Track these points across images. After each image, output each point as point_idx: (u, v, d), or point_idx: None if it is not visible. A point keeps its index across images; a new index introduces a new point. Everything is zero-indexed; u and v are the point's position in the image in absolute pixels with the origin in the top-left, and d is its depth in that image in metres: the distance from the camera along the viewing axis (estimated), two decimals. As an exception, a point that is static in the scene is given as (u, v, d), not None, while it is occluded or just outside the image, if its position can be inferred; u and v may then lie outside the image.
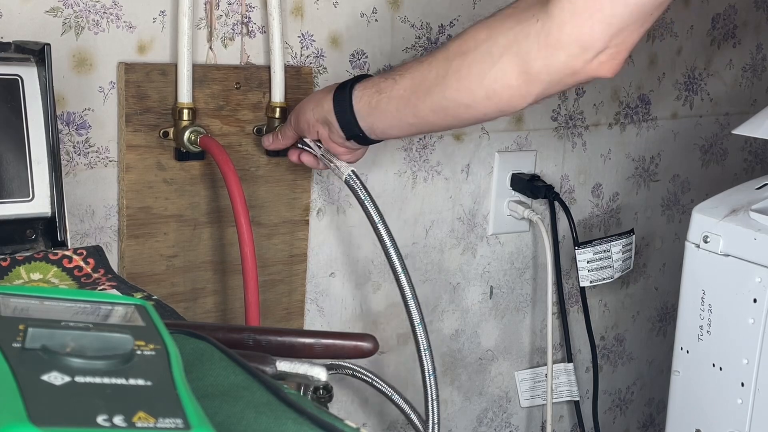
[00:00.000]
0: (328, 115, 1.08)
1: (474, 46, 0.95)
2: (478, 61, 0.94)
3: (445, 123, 1.03)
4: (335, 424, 0.55)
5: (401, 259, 1.13)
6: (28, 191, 0.91)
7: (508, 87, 0.93)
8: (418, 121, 1.03)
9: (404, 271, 1.13)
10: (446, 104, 0.99)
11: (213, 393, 0.58)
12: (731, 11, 1.71)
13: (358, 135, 1.07)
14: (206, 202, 1.22)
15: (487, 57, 0.93)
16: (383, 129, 1.06)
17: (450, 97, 0.98)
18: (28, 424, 0.43)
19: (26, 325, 0.51)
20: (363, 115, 1.06)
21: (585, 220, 1.63)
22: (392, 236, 1.13)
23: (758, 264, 1.13)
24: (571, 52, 0.88)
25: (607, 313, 1.72)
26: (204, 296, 1.24)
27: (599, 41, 0.87)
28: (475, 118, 1.01)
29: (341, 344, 0.75)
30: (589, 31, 0.86)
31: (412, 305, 1.13)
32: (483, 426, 1.61)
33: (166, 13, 1.15)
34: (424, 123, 1.03)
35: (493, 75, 0.93)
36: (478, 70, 0.94)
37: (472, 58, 0.95)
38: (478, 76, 0.94)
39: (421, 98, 1.00)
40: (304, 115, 1.12)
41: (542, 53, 0.89)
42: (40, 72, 0.92)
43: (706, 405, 1.21)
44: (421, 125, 1.04)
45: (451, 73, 0.97)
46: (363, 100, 1.05)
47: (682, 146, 1.73)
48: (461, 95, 0.97)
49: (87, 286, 0.84)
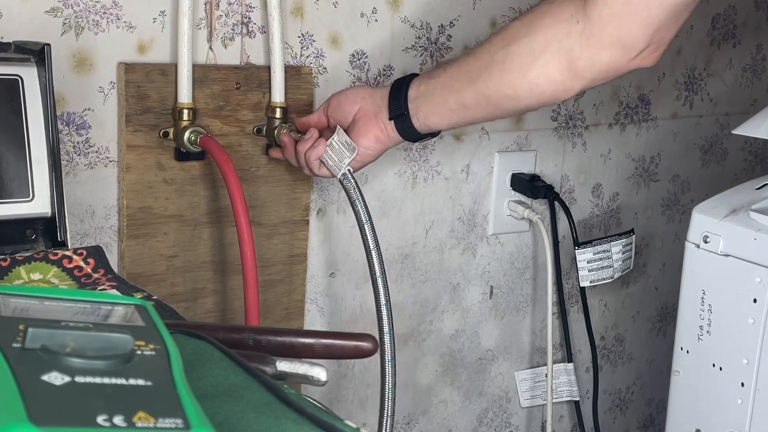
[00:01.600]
0: (381, 94, 1.11)
1: (515, 40, 0.98)
2: (520, 55, 0.98)
3: (487, 112, 1.06)
4: (335, 424, 0.55)
5: (382, 264, 1.14)
6: (28, 191, 0.91)
7: (551, 82, 0.97)
8: (459, 107, 1.05)
9: (382, 276, 1.14)
10: (489, 93, 1.02)
11: (213, 393, 0.58)
12: (731, 11, 1.71)
13: (403, 113, 1.09)
14: (206, 202, 1.22)
15: (528, 51, 0.97)
16: (425, 114, 1.08)
17: (493, 87, 1.01)
18: (28, 424, 0.43)
19: (26, 325, 0.51)
20: (412, 97, 1.08)
21: (585, 220, 1.63)
22: (377, 240, 1.14)
23: (758, 264, 1.13)
24: (614, 52, 0.92)
25: (607, 313, 1.72)
26: (204, 296, 1.24)
27: (640, 42, 0.91)
28: (517, 109, 1.06)
29: (341, 344, 0.75)
30: (628, 32, 0.91)
31: (383, 312, 1.14)
32: (483, 426, 1.61)
33: (166, 13, 1.15)
34: (464, 110, 1.05)
35: (536, 70, 0.97)
36: (520, 64, 0.98)
37: (514, 51, 0.98)
38: (521, 69, 0.98)
39: (465, 85, 1.03)
40: (346, 92, 1.14)
41: (585, 52, 0.93)
42: (40, 72, 0.92)
43: (706, 405, 1.21)
44: (462, 113, 1.06)
45: (495, 65, 1.00)
46: (415, 86, 1.09)
47: (682, 146, 1.73)
48: (504, 87, 1.00)
49: (87, 286, 0.84)
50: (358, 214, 1.14)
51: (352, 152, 1.11)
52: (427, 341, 1.50)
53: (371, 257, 1.14)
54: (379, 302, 1.14)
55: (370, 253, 1.14)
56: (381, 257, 1.14)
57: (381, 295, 1.14)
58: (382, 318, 1.14)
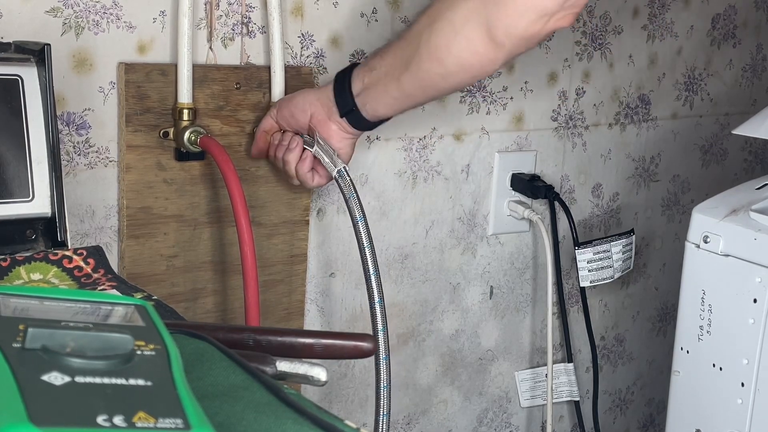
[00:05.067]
0: (326, 95, 1.12)
1: (438, 17, 1.00)
2: (443, 30, 0.99)
3: (426, 94, 1.08)
4: (335, 424, 0.55)
5: (375, 261, 1.15)
6: (28, 191, 0.91)
7: (475, 54, 0.98)
8: (401, 95, 1.07)
9: (375, 273, 1.14)
10: (422, 75, 1.03)
11: (213, 393, 0.58)
12: (731, 11, 1.71)
13: (352, 110, 1.10)
14: (206, 202, 1.22)
15: (449, 26, 0.99)
16: (373, 106, 1.10)
17: (425, 68, 1.02)
18: (28, 424, 0.43)
19: (26, 325, 0.51)
20: (356, 92, 1.10)
21: (585, 220, 1.63)
22: (371, 237, 1.15)
23: (758, 264, 1.13)
24: (529, 18, 0.94)
25: (607, 313, 1.72)
26: (204, 296, 1.24)
27: (552, 5, 0.93)
28: (453, 86, 1.07)
29: (341, 344, 0.75)
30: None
31: (377, 309, 1.15)
32: (483, 426, 1.61)
33: (166, 14, 1.15)
34: (406, 97, 1.07)
35: (459, 43, 0.98)
36: (445, 41, 0.99)
37: (437, 27, 1.00)
38: (446, 45, 0.99)
39: (401, 72, 1.04)
40: (293, 101, 1.15)
41: (502, 22, 0.95)
42: (40, 72, 0.92)
43: (706, 405, 1.21)
44: (405, 99, 1.08)
45: (422, 45, 1.02)
46: (358, 79, 1.10)
47: (682, 146, 1.73)
48: (434, 66, 1.02)
49: (87, 286, 0.84)
50: (352, 210, 1.14)
51: (333, 150, 1.14)
52: (427, 341, 1.50)
53: (365, 255, 1.14)
54: (372, 300, 1.15)
55: (364, 251, 1.14)
56: (375, 255, 1.15)
57: (375, 293, 1.15)
58: (376, 316, 1.15)
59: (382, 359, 1.16)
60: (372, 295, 1.15)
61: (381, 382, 1.16)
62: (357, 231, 1.15)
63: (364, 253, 1.14)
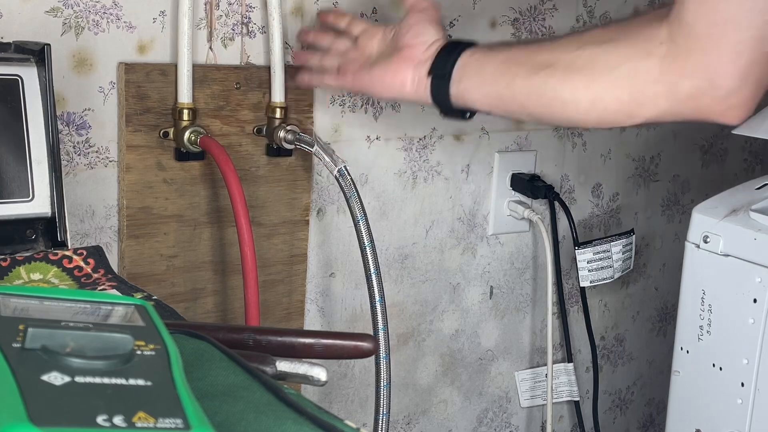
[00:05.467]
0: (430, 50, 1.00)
1: (593, 44, 0.88)
2: (593, 62, 0.87)
3: (534, 111, 0.94)
4: (335, 424, 0.55)
5: (376, 260, 1.15)
6: (28, 191, 0.91)
7: (617, 100, 0.86)
8: (508, 93, 0.94)
9: (376, 272, 1.15)
10: (543, 91, 0.91)
11: (213, 393, 0.58)
12: (731, 11, 1.71)
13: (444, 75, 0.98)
14: (206, 202, 1.22)
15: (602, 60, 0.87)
16: (468, 86, 0.97)
17: (551, 85, 0.90)
18: (28, 424, 0.43)
19: (26, 325, 0.51)
20: (461, 64, 0.97)
21: (585, 220, 1.63)
22: (372, 236, 1.15)
23: (758, 264, 1.13)
24: (697, 83, 0.81)
25: (607, 313, 1.72)
26: (204, 296, 1.24)
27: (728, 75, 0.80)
28: (568, 120, 0.95)
29: (341, 344, 0.75)
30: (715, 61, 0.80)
31: (378, 308, 1.15)
32: (483, 426, 1.61)
33: (166, 14, 1.15)
34: (512, 99, 0.94)
35: (604, 82, 0.87)
36: (590, 71, 0.87)
37: (587, 55, 0.88)
38: (589, 77, 0.87)
39: (523, 72, 0.92)
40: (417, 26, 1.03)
41: (665, 77, 0.83)
42: (40, 72, 0.92)
43: (706, 405, 1.21)
44: (508, 100, 0.95)
45: (562, 62, 0.89)
46: (469, 52, 0.98)
47: (682, 146, 1.73)
48: (565, 90, 0.89)
49: (87, 286, 0.84)
50: (353, 209, 1.15)
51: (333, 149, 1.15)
52: (427, 341, 1.50)
53: (366, 254, 1.14)
54: (373, 299, 1.15)
55: (365, 250, 1.14)
56: (375, 254, 1.15)
57: (375, 291, 1.15)
58: (377, 314, 1.15)
59: (382, 359, 1.16)
60: (372, 294, 1.15)
61: (381, 382, 1.16)
62: (358, 230, 1.15)
63: (364, 252, 1.15)
